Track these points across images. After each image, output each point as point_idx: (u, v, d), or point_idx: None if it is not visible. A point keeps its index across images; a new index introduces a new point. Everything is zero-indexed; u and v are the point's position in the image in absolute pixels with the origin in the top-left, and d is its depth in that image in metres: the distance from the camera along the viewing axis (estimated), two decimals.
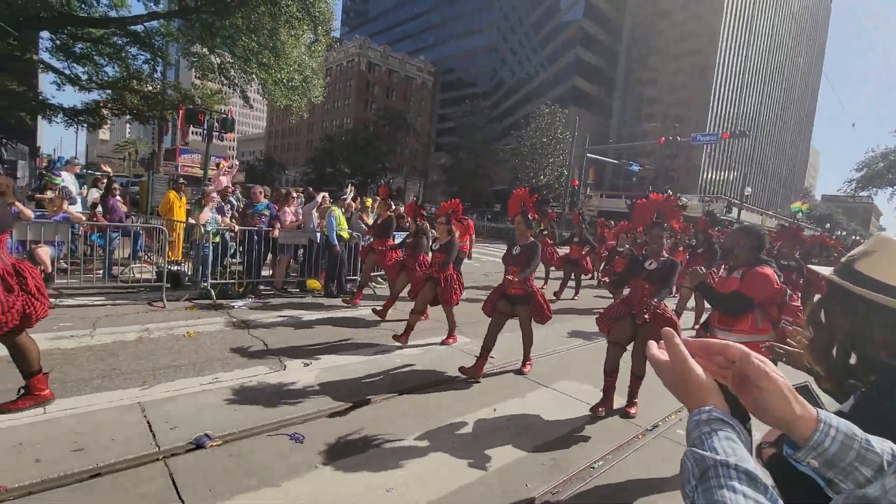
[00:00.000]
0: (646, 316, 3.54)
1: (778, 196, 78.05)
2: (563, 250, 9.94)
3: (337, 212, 7.36)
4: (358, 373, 4.29)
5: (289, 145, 77.93)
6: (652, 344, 0.76)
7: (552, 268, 10.02)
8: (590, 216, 34.53)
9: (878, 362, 0.94)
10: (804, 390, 1.12)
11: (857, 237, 79.80)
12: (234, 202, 8.93)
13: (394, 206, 7.58)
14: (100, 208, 7.52)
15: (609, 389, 3.80)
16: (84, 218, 6.47)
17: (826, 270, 1.03)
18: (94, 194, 8.27)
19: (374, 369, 4.41)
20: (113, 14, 13.59)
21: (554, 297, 8.82)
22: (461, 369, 4.33)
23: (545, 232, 10.05)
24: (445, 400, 3.89)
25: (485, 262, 13.69)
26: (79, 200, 7.75)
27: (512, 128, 46.66)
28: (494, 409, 3.76)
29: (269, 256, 7.33)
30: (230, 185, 8.81)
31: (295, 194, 7.78)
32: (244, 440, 2.93)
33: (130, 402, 3.29)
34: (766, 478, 0.58)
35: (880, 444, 0.70)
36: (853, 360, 1.00)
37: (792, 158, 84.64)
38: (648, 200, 3.82)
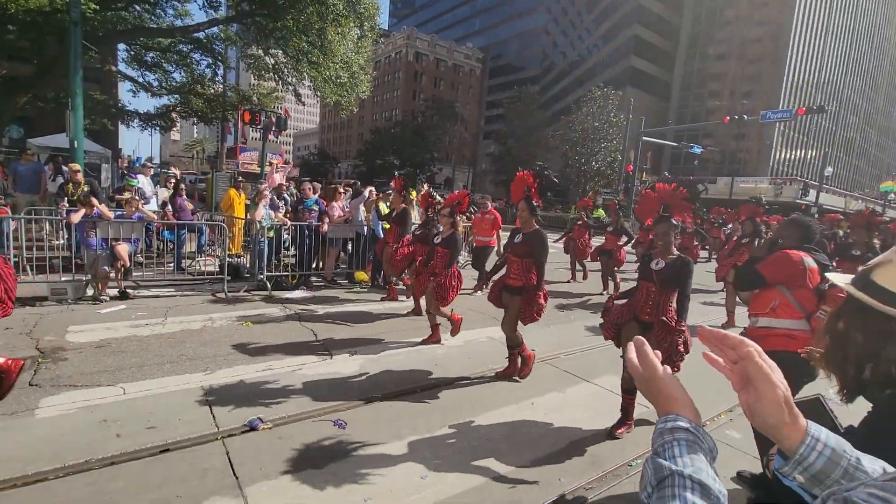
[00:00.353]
0: (647, 316, 3.18)
1: (866, 175, 70.47)
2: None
3: (382, 206, 7.56)
4: (400, 364, 4.45)
5: (341, 138, 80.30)
6: (631, 348, 0.77)
7: (587, 260, 9.34)
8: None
9: (892, 379, 0.89)
10: (816, 402, 1.08)
11: None
12: (288, 198, 9.40)
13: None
14: (169, 207, 8.20)
15: (629, 409, 3.40)
16: (156, 217, 7.09)
17: (845, 279, 0.98)
18: (164, 194, 9.02)
19: (416, 360, 4.56)
20: (178, 23, 14.56)
21: (614, 293, 8.51)
22: (497, 374, 4.23)
23: (580, 222, 9.44)
24: (484, 392, 3.96)
25: None
26: (153, 200, 8.50)
27: (563, 113, 45.28)
28: (532, 403, 3.78)
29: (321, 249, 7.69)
30: (284, 182, 9.27)
31: (342, 190, 8.07)
32: (292, 424, 3.16)
33: (196, 385, 3.63)
34: (720, 487, 0.60)
35: (871, 464, 0.69)
36: (868, 374, 0.95)
37: (884, 132, 75.81)
38: (653, 191, 3.34)
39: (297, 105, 17.13)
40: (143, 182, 8.43)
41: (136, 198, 6.87)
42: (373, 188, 7.97)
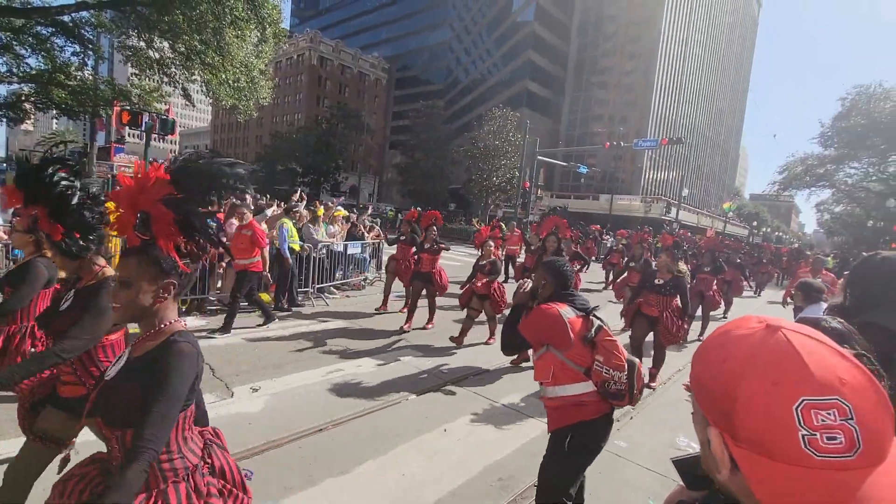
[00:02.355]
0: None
1: (712, 195, 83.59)
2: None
3: (288, 224, 7.24)
4: (309, 397, 4.29)
5: (237, 140, 74.75)
6: None
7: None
8: (540, 214, 35.60)
9: None
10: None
11: (780, 233, 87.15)
12: None
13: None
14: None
15: None
16: (5, 235, 5.99)
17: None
18: None
19: (325, 392, 4.43)
20: (37, 2, 12.52)
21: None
22: None
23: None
24: (395, 422, 3.97)
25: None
26: None
27: (466, 127, 47.23)
28: (444, 430, 3.89)
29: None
30: None
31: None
32: None
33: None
34: None
35: None
36: None
37: (724, 160, 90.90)
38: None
39: (185, 103, 15.57)
40: None
41: None
42: (275, 207, 7.58)
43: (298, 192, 9.19)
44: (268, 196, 14.16)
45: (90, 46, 13.89)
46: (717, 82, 78.78)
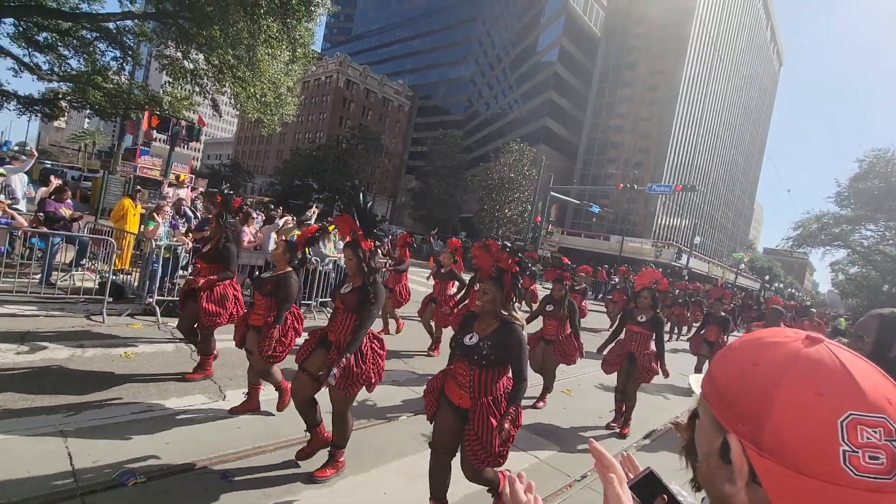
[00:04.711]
0: None
1: (724, 246, 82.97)
2: None
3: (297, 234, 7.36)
4: None
5: (258, 153, 76.59)
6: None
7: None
8: (550, 251, 35.63)
9: None
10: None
11: (793, 290, 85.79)
12: (190, 213, 8.75)
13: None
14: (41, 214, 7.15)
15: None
16: (27, 223, 6.17)
17: (699, 380, 1.21)
18: (42, 191, 7.86)
19: (319, 402, 4.39)
20: (85, 8, 13.24)
21: None
22: None
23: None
24: (385, 440, 3.92)
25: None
26: (23, 201, 7.38)
27: (482, 159, 47.96)
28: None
29: None
30: (184, 198, 8.64)
31: (255, 214, 7.70)
32: (170, 477, 2.88)
33: (53, 429, 3.16)
34: None
35: None
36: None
37: (738, 212, 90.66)
38: None
39: (213, 113, 16.12)
40: (15, 178, 7.28)
41: (2, 197, 5.96)
42: (289, 217, 7.71)
43: (313, 206, 9.39)
44: (280, 208, 14.41)
45: (130, 53, 14.56)
46: (735, 135, 79.54)
